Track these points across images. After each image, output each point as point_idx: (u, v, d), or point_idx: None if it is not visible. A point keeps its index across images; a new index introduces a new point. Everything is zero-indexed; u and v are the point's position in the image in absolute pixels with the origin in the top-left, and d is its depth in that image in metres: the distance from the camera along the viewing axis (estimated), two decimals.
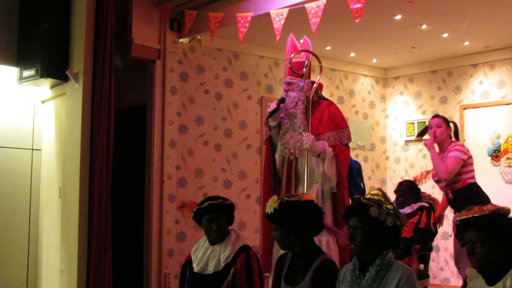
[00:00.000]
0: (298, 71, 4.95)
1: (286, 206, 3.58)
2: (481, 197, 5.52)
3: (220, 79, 7.18)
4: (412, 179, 6.71)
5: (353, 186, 6.24)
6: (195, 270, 4.07)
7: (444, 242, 7.93)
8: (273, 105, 4.87)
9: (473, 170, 5.67)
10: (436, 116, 5.94)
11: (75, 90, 5.93)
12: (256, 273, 4.00)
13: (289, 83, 4.95)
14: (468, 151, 5.68)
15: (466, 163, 5.61)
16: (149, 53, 6.45)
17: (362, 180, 6.58)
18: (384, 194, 3.23)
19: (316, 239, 4.74)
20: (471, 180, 5.62)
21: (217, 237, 4.07)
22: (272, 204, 3.62)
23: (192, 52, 6.96)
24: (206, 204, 4.10)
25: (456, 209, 5.67)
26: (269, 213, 3.61)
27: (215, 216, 4.06)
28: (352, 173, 6.34)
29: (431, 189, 7.19)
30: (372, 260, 3.14)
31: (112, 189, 5.77)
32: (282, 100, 4.88)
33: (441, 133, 5.79)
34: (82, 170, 5.76)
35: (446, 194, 5.81)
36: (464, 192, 5.57)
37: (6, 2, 6.25)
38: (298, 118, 4.88)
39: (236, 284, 3.93)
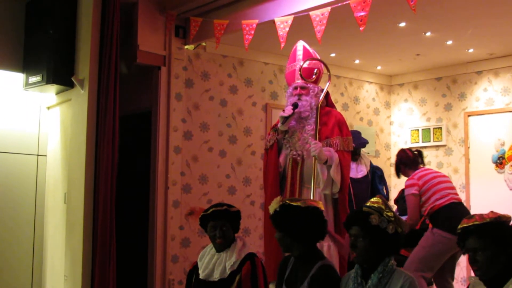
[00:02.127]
0: (308, 77, 5.02)
1: (286, 209, 3.56)
2: (455, 218, 5.16)
3: (225, 86, 7.21)
4: None
5: (375, 192, 6.24)
6: (201, 276, 4.08)
7: None
8: (288, 110, 4.91)
9: (436, 192, 5.44)
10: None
11: (80, 96, 5.96)
12: (261, 281, 4.00)
13: (303, 87, 5.02)
14: (419, 179, 5.52)
15: (422, 191, 5.47)
16: (154, 60, 6.48)
17: (385, 186, 6.60)
18: (384, 202, 3.24)
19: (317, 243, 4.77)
20: (439, 202, 5.40)
21: (221, 243, 4.08)
22: (274, 205, 3.63)
23: (197, 59, 6.99)
24: (210, 210, 4.13)
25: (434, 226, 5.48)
26: (271, 213, 3.62)
27: (219, 222, 4.07)
28: (374, 179, 6.36)
29: None
30: (374, 267, 3.15)
31: (116, 195, 5.78)
32: (296, 106, 4.94)
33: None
34: (87, 176, 5.77)
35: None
36: (441, 213, 5.39)
37: (13, 8, 6.29)
38: (312, 121, 4.94)
39: None
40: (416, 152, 5.96)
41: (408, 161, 5.85)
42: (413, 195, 5.47)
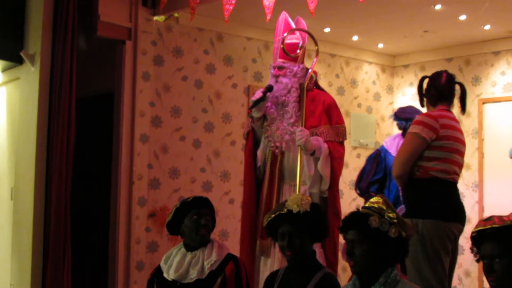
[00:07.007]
0: (291, 53, 4.97)
1: (316, 208, 3.75)
2: (450, 203, 4.44)
3: (200, 64, 7.18)
4: None
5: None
6: (172, 277, 4.10)
7: (458, 258, 7.96)
8: (258, 93, 4.88)
9: (446, 161, 4.36)
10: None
11: (30, 74, 5.92)
12: (244, 284, 4.09)
13: (280, 67, 4.98)
14: (442, 127, 4.33)
15: (433, 144, 4.29)
16: (118, 33, 6.45)
17: None
18: (385, 202, 3.22)
19: None
20: (438, 174, 4.34)
21: (205, 234, 4.13)
22: (305, 202, 3.70)
23: (168, 32, 6.95)
24: (191, 198, 4.20)
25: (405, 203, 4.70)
26: (298, 212, 3.65)
27: (203, 211, 4.15)
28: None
29: None
30: (375, 279, 3.13)
31: (72, 191, 5.75)
32: (269, 88, 4.92)
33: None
34: (37, 168, 5.75)
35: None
36: (424, 185, 4.38)
37: None
38: (289, 108, 4.91)
39: None
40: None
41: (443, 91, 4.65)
42: (420, 138, 4.31)
